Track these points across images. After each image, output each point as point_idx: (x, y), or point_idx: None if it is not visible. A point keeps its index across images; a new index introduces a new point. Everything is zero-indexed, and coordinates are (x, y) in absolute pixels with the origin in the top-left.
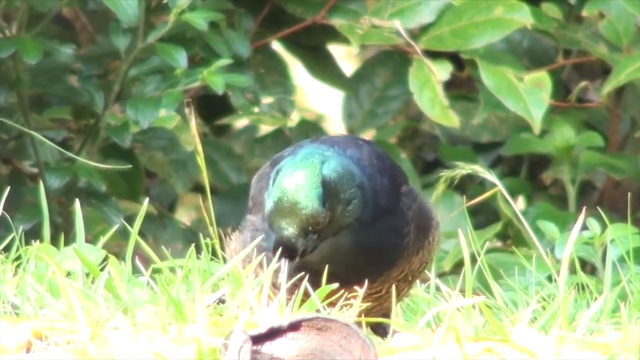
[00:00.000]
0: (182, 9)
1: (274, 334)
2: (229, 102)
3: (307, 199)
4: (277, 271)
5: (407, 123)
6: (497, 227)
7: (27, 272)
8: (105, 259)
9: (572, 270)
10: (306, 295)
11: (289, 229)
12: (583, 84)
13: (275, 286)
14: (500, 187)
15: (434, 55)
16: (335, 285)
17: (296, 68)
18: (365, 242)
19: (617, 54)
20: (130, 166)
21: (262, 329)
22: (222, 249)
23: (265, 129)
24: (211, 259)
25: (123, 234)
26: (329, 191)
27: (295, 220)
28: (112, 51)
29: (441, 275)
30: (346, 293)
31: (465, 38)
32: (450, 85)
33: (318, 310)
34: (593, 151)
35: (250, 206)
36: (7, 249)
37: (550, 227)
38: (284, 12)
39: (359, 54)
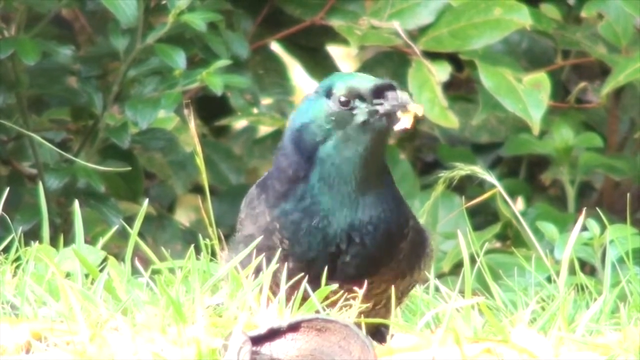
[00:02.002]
0: (180, 10)
1: (273, 334)
2: (228, 103)
3: None
4: None
5: None
6: (497, 227)
7: (27, 273)
8: (105, 259)
9: (572, 271)
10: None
11: None
12: (582, 84)
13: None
14: (499, 188)
15: (432, 56)
16: (335, 285)
17: (295, 69)
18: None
19: (616, 55)
20: (130, 167)
21: (262, 330)
22: (222, 249)
23: (264, 129)
24: (210, 260)
25: (122, 235)
26: None
27: None
28: (111, 52)
29: (440, 276)
30: (345, 293)
31: (464, 39)
32: (449, 86)
33: (317, 311)
34: (592, 152)
35: (240, 225)
36: (6, 249)
37: (549, 228)
38: (283, 13)
39: (357, 55)
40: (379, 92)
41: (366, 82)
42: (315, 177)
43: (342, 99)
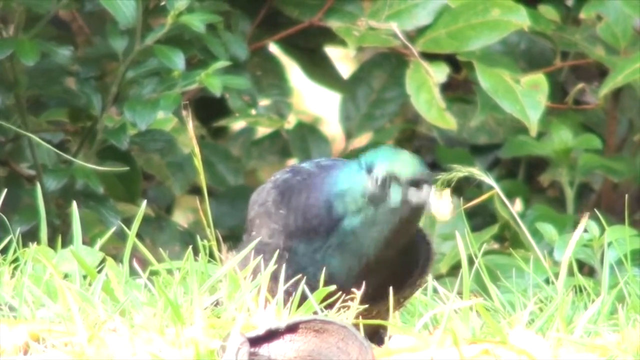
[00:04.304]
0: (179, 11)
1: (271, 335)
2: (227, 104)
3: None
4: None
5: (404, 125)
6: (495, 229)
7: (25, 274)
8: (103, 261)
9: (570, 272)
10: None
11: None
12: (580, 86)
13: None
14: (497, 189)
15: (430, 57)
16: (333, 287)
17: (293, 70)
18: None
19: (614, 56)
20: (128, 168)
21: (260, 331)
22: (220, 250)
23: (262, 131)
24: (208, 261)
25: (120, 236)
26: None
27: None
28: (109, 53)
29: (438, 277)
30: (344, 295)
31: (462, 40)
32: (447, 88)
33: (315, 312)
34: (591, 153)
35: (250, 225)
36: (4, 251)
37: (548, 229)
38: (281, 14)
39: (355, 56)
40: (415, 182)
41: (406, 169)
42: (334, 241)
43: (380, 180)
